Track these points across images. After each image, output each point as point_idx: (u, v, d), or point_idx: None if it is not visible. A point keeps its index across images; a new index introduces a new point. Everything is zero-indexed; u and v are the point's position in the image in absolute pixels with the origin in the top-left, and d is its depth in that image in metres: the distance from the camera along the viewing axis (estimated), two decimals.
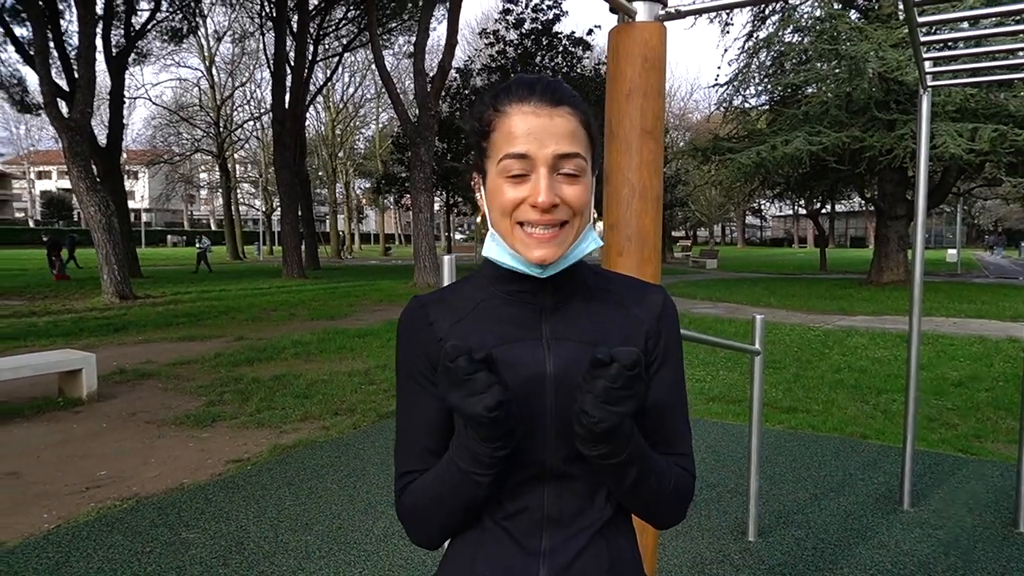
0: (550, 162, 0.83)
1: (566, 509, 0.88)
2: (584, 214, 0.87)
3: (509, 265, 0.87)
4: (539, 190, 0.82)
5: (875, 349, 8.56)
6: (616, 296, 0.94)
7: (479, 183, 0.91)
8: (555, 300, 0.91)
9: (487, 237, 0.90)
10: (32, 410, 5.67)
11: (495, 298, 0.92)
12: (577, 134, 0.85)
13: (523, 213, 0.84)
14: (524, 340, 0.89)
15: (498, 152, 0.85)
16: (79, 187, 13.68)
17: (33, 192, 71.93)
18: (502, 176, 0.85)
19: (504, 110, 0.85)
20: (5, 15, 19.06)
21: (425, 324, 0.92)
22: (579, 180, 0.85)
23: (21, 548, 3.20)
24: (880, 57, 14.41)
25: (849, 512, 3.63)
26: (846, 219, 67.41)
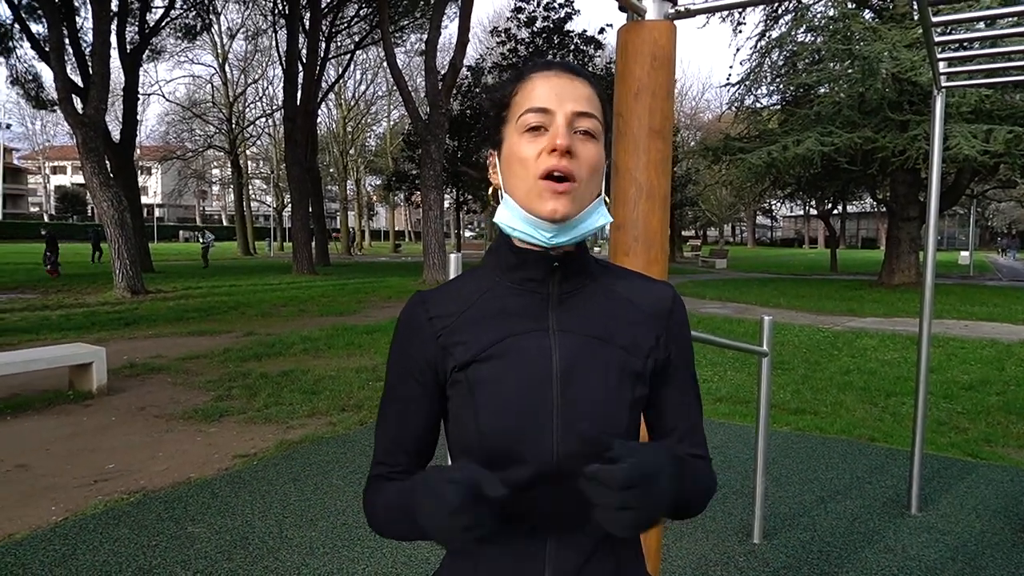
0: (568, 117, 0.85)
1: (572, 510, 0.86)
2: (596, 178, 0.87)
3: (520, 230, 0.86)
4: (557, 134, 0.83)
5: (885, 351, 8.49)
6: (624, 290, 0.93)
7: (494, 158, 0.92)
8: (562, 290, 0.90)
9: (500, 205, 0.90)
10: (43, 403, 5.73)
11: (500, 287, 0.91)
12: (594, 101, 0.88)
13: (541, 162, 0.84)
14: (530, 332, 0.87)
15: (519, 111, 0.87)
16: (93, 182, 13.78)
17: (48, 187, 72.58)
18: (520, 131, 0.86)
19: (526, 77, 0.88)
20: (22, 12, 19.23)
21: (425, 319, 0.91)
22: (594, 142, 0.86)
23: (29, 540, 3.23)
24: (894, 57, 14.29)
25: (856, 516, 3.61)
26: (857, 220, 66.98)
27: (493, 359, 0.86)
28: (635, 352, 0.89)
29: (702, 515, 3.60)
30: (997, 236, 59.57)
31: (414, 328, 0.91)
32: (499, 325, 0.88)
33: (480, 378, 0.86)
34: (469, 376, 0.86)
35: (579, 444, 0.84)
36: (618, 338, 0.89)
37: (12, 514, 3.54)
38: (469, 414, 0.86)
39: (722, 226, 63.08)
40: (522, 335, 0.87)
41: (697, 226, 59.62)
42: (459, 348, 0.88)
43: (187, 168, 48.38)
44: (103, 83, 14.18)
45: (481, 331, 0.88)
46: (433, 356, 0.89)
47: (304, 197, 22.42)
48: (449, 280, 0.96)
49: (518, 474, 0.84)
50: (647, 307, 0.92)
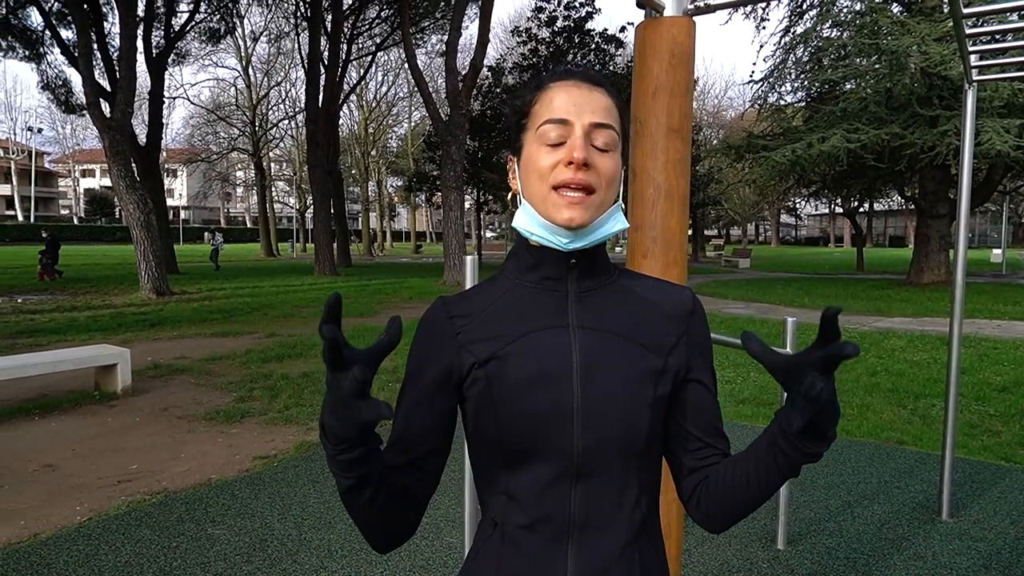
0: (586, 128, 0.86)
1: (594, 513, 0.84)
2: (612, 188, 0.88)
3: (538, 235, 0.87)
4: (575, 147, 0.84)
5: (914, 352, 8.32)
6: (644, 291, 0.94)
7: (513, 164, 0.93)
8: (580, 288, 0.91)
9: (518, 211, 0.91)
10: (70, 403, 5.81)
11: (520, 287, 0.92)
12: (612, 111, 0.89)
13: (558, 174, 0.85)
14: (550, 327, 0.88)
15: (538, 120, 0.88)
16: (119, 185, 14.01)
17: (77, 190, 74.05)
18: (539, 141, 0.87)
19: (546, 86, 0.90)
20: (52, 19, 19.62)
21: (445, 318, 0.91)
22: (610, 154, 0.87)
23: (54, 540, 3.26)
24: (923, 51, 14.00)
25: (884, 521, 3.52)
26: (884, 218, 65.84)
27: (513, 355, 0.86)
28: (656, 350, 0.88)
29: None
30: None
31: (434, 326, 0.91)
32: (519, 322, 0.89)
33: (500, 374, 0.85)
34: (489, 372, 0.86)
35: (599, 441, 0.84)
36: (639, 336, 0.89)
37: (39, 513, 3.59)
38: (489, 410, 0.86)
39: (745, 225, 62.42)
40: (542, 331, 0.88)
41: (720, 225, 59.06)
42: (478, 345, 0.88)
43: (212, 170, 49.01)
44: (130, 87, 14.41)
45: (501, 328, 0.88)
46: (452, 354, 0.89)
47: (326, 198, 22.58)
48: (470, 287, 0.97)
49: (537, 471, 0.84)
50: (667, 307, 0.93)
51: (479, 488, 0.92)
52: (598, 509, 0.85)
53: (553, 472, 0.84)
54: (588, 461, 0.84)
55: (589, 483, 0.84)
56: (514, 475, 0.85)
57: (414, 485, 0.88)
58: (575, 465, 0.84)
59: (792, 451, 0.76)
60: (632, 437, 0.85)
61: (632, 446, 0.85)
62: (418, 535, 3.33)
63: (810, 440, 0.74)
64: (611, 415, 0.84)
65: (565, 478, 0.84)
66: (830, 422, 0.73)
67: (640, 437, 0.85)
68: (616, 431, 0.84)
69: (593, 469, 0.84)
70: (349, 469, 0.75)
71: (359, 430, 0.70)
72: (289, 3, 28.66)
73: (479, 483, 0.91)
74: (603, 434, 0.84)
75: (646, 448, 0.87)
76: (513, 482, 0.85)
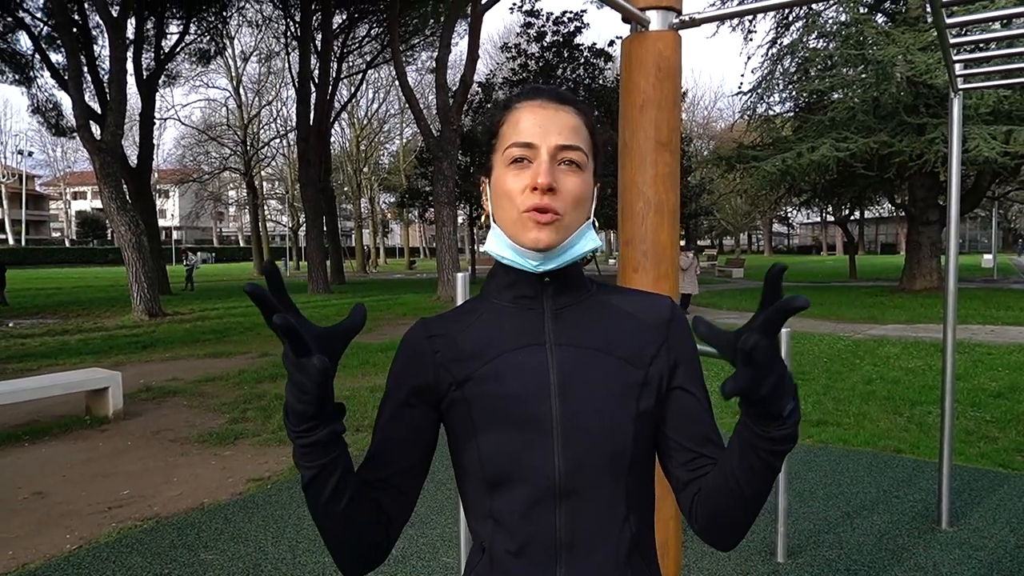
0: (552, 150, 0.84)
1: (581, 534, 0.82)
2: (582, 208, 0.87)
3: (508, 258, 0.87)
4: (539, 172, 0.83)
5: (908, 359, 8.32)
6: (621, 303, 0.93)
7: (485, 185, 0.93)
8: (557, 305, 0.90)
9: (489, 233, 0.91)
10: (60, 428, 5.75)
11: (497, 308, 0.91)
12: (580, 131, 0.87)
13: (525, 199, 0.84)
14: (526, 346, 0.87)
15: (504, 143, 0.87)
16: (110, 207, 13.96)
17: (69, 212, 73.80)
18: (506, 164, 0.86)
19: (513, 107, 0.89)
20: (42, 42, 19.65)
21: (424, 338, 0.91)
22: (578, 173, 0.86)
23: (42, 570, 3.21)
24: (908, 61, 14.14)
25: (883, 531, 3.49)
26: (876, 225, 66.20)
27: (489, 376, 0.85)
28: (636, 363, 0.87)
29: None
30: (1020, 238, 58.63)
31: (414, 347, 0.91)
32: (495, 342, 0.88)
33: (477, 395, 0.85)
34: (466, 394, 0.86)
35: (581, 458, 0.82)
36: (618, 349, 0.87)
37: (28, 543, 3.53)
38: (468, 433, 0.85)
39: (738, 235, 62.72)
40: (518, 350, 0.87)
41: (712, 235, 59.29)
42: (456, 366, 0.88)
43: (204, 190, 48.93)
44: (120, 109, 14.40)
45: (478, 349, 0.88)
46: (430, 374, 0.89)
47: (318, 216, 22.56)
48: (451, 309, 0.96)
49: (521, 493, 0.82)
50: (646, 318, 0.91)
51: (467, 513, 0.90)
52: (585, 529, 0.83)
53: (536, 494, 0.82)
54: (571, 481, 0.82)
55: (574, 503, 0.82)
56: (498, 498, 0.84)
57: (388, 503, 0.86)
58: (558, 485, 0.82)
59: (756, 440, 0.71)
60: (616, 454, 0.83)
61: (617, 463, 0.83)
62: (414, 555, 3.28)
63: (763, 420, 0.70)
64: (592, 432, 0.82)
65: (549, 499, 0.82)
66: (777, 391, 0.67)
67: (625, 453, 0.84)
68: (599, 448, 0.82)
69: (577, 488, 0.82)
70: (310, 456, 0.74)
71: (314, 396, 0.70)
72: (279, 24, 28.82)
73: (467, 508, 0.90)
74: (585, 452, 0.82)
75: (632, 464, 0.85)
76: (497, 505, 0.84)
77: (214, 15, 24.21)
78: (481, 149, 0.93)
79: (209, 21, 24.45)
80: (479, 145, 5.96)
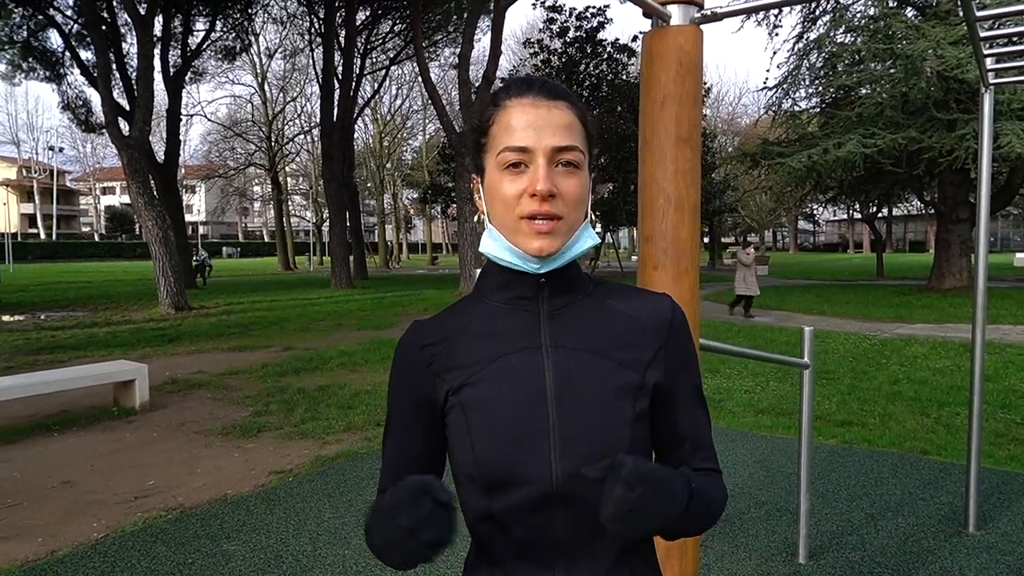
0: (548, 153, 0.82)
1: (579, 537, 0.83)
2: (580, 208, 0.85)
3: (507, 261, 0.86)
4: (538, 178, 0.81)
5: (936, 359, 8.17)
6: (619, 304, 0.91)
7: (477, 183, 0.90)
8: (553, 307, 0.88)
9: (484, 235, 0.89)
10: (89, 419, 5.86)
11: (491, 310, 0.90)
12: (574, 127, 0.85)
13: (524, 205, 0.82)
14: (522, 350, 0.85)
15: (497, 145, 0.84)
16: (138, 202, 14.20)
17: (98, 207, 75.19)
18: (501, 169, 0.84)
19: (503, 104, 0.85)
20: (72, 40, 20.02)
21: (417, 348, 0.90)
22: (576, 173, 0.84)
23: (70, 557, 3.28)
24: (938, 55, 13.86)
25: (908, 534, 3.44)
26: (904, 223, 65.09)
27: (485, 381, 0.85)
28: (633, 366, 0.86)
29: (744, 533, 3.47)
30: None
31: (407, 359, 0.90)
32: (490, 346, 0.87)
33: (473, 401, 0.84)
34: (462, 399, 0.85)
35: (579, 463, 0.81)
36: (614, 352, 0.86)
37: (56, 531, 3.61)
38: (465, 438, 0.84)
39: (763, 232, 62.03)
40: (513, 354, 0.86)
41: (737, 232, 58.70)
42: (451, 373, 0.87)
43: (229, 186, 49.56)
44: (147, 106, 14.62)
45: (472, 353, 0.87)
46: (427, 385, 0.88)
47: (341, 212, 22.73)
48: (446, 308, 0.95)
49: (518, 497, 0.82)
50: (645, 319, 0.89)
51: (465, 512, 0.90)
52: (583, 532, 0.83)
53: (534, 497, 0.82)
54: (568, 485, 0.82)
55: (572, 507, 0.82)
56: (496, 501, 0.83)
57: None
58: (555, 489, 0.82)
59: None
60: (610, 454, 0.82)
61: None
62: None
63: None
64: (589, 436, 0.82)
65: (546, 503, 0.82)
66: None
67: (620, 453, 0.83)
68: (596, 453, 0.82)
69: (575, 492, 0.82)
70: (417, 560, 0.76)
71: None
72: (303, 20, 29.04)
73: (464, 508, 0.89)
74: (582, 456, 0.81)
75: None
76: (495, 507, 0.84)
77: (239, 12, 24.49)
78: (471, 147, 0.91)
79: (235, 18, 24.73)
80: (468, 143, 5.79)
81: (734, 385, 6.94)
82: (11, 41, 21.09)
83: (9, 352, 9.46)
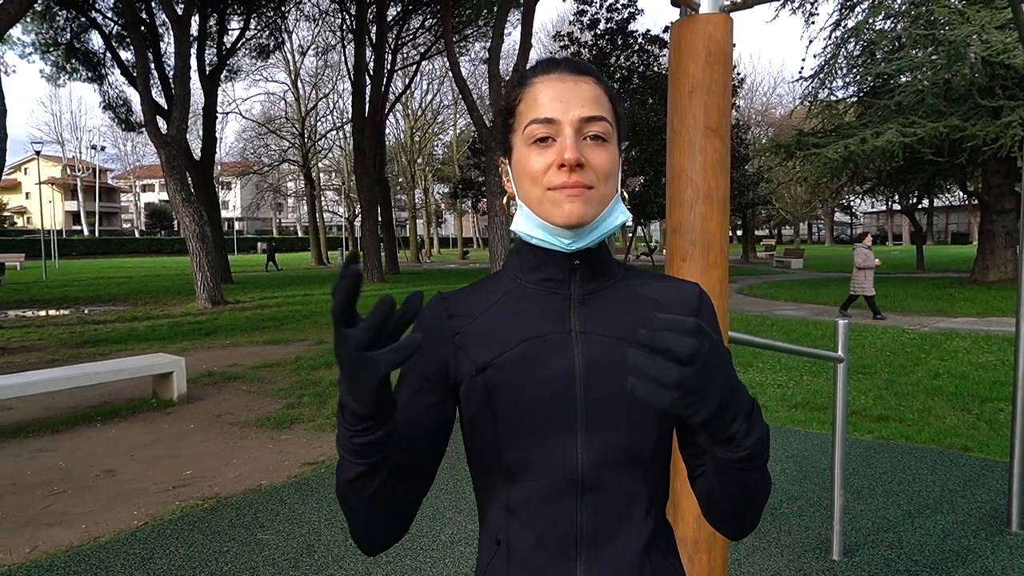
0: (576, 124, 0.81)
1: (602, 527, 0.81)
2: (610, 182, 0.83)
3: (538, 239, 0.84)
4: (566, 147, 0.79)
5: (979, 353, 7.95)
6: (649, 291, 0.89)
7: (505, 165, 0.89)
8: (584, 291, 0.87)
9: (516, 214, 0.87)
10: (129, 410, 6.02)
11: (520, 290, 0.88)
12: (601, 100, 0.83)
13: (551, 177, 0.81)
14: (551, 334, 0.84)
15: (524, 121, 0.83)
16: (175, 199, 14.50)
17: (138, 204, 77.04)
18: (528, 143, 0.83)
19: (530, 82, 0.85)
20: (112, 41, 20.51)
21: (444, 315, 0.87)
22: (605, 145, 0.82)
23: (112, 543, 3.37)
24: (983, 40, 13.42)
25: (948, 532, 3.36)
26: (946, 214, 63.32)
27: (512, 363, 0.82)
28: None
29: (776, 529, 3.43)
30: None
31: (432, 324, 0.87)
32: (519, 328, 0.84)
33: (498, 383, 0.82)
34: (488, 380, 0.82)
35: (605, 451, 0.80)
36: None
37: (99, 518, 3.72)
38: (488, 421, 0.82)
39: (798, 224, 60.90)
40: (542, 337, 0.83)
41: (771, 225, 57.75)
42: (476, 350, 0.84)
43: (264, 182, 50.30)
44: (184, 104, 14.91)
45: (500, 334, 0.84)
46: (448, 354, 0.85)
47: (373, 207, 22.93)
48: (472, 284, 0.92)
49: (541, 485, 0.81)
50: (674, 307, 0.88)
51: (478, 498, 0.88)
52: (606, 523, 0.81)
53: (556, 485, 0.80)
54: (594, 473, 0.80)
55: (595, 496, 0.81)
56: (515, 488, 0.82)
57: (411, 488, 0.84)
58: (580, 478, 0.80)
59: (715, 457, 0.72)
60: (639, 446, 0.81)
61: (640, 456, 0.82)
62: (463, 539, 3.32)
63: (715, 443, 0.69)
64: (617, 425, 0.80)
65: (570, 491, 0.81)
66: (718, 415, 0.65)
67: (648, 446, 0.82)
68: (623, 441, 0.80)
69: (600, 481, 0.81)
70: (363, 454, 0.71)
71: (375, 395, 0.66)
72: (335, 17, 29.30)
73: (478, 494, 0.88)
74: (609, 445, 0.80)
75: (654, 457, 0.83)
76: (514, 495, 0.82)
77: (273, 10, 24.78)
78: (498, 129, 0.89)
79: (268, 16, 25.04)
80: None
81: (767, 379, 6.84)
82: (55, 43, 21.66)
83: (55, 345, 9.76)
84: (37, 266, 34.40)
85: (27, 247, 43.43)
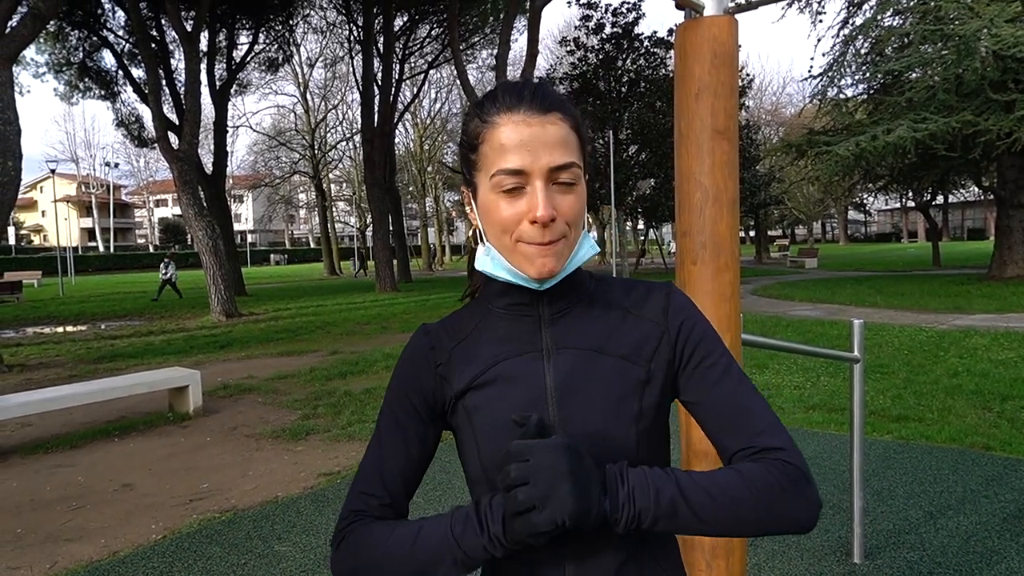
0: (545, 175, 0.79)
1: (587, 533, 0.81)
2: (579, 223, 0.83)
3: (505, 279, 0.85)
4: (537, 204, 0.78)
5: (998, 351, 7.84)
6: (621, 299, 0.89)
7: (468, 196, 0.88)
8: (553, 310, 0.87)
9: (479, 251, 0.87)
10: (146, 424, 6.07)
11: (492, 315, 0.90)
12: (569, 141, 0.82)
13: (523, 231, 0.80)
14: (522, 354, 0.85)
15: (490, 166, 0.81)
16: (188, 213, 14.64)
17: (152, 219, 77.81)
18: (496, 191, 0.81)
19: (493, 120, 0.81)
20: (123, 59, 20.78)
21: (427, 349, 0.90)
22: (574, 189, 0.81)
23: (131, 557, 3.39)
24: (993, 34, 13.30)
25: (971, 533, 3.30)
26: (961, 210, 62.68)
27: (486, 385, 0.85)
28: (636, 359, 0.84)
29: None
30: None
31: (416, 357, 0.90)
32: (491, 351, 0.87)
33: (476, 405, 0.85)
34: (466, 405, 0.86)
35: None
36: (615, 348, 0.85)
37: (118, 532, 3.74)
38: (471, 443, 0.86)
39: (811, 224, 60.50)
40: (513, 358, 0.86)
41: (784, 225, 57.39)
42: (455, 377, 0.88)
43: (275, 194, 50.71)
44: (195, 119, 15.07)
45: (474, 359, 0.87)
46: (432, 386, 0.89)
47: (384, 216, 23.02)
48: (452, 312, 0.95)
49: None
50: (642, 311, 0.88)
51: None
52: (589, 535, 0.81)
53: None
54: None
55: None
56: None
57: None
58: None
59: None
60: (616, 454, 0.81)
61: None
62: None
63: None
64: (592, 436, 0.81)
65: None
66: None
67: (627, 452, 0.82)
68: (598, 451, 0.80)
69: None
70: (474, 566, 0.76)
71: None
72: (343, 28, 29.52)
73: None
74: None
75: (636, 463, 0.82)
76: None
77: (281, 24, 25.03)
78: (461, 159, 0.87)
79: (276, 30, 25.28)
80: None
81: (783, 381, 6.79)
82: (68, 63, 21.98)
83: (72, 361, 9.86)
84: (54, 283, 34.80)
85: (44, 264, 43.95)
